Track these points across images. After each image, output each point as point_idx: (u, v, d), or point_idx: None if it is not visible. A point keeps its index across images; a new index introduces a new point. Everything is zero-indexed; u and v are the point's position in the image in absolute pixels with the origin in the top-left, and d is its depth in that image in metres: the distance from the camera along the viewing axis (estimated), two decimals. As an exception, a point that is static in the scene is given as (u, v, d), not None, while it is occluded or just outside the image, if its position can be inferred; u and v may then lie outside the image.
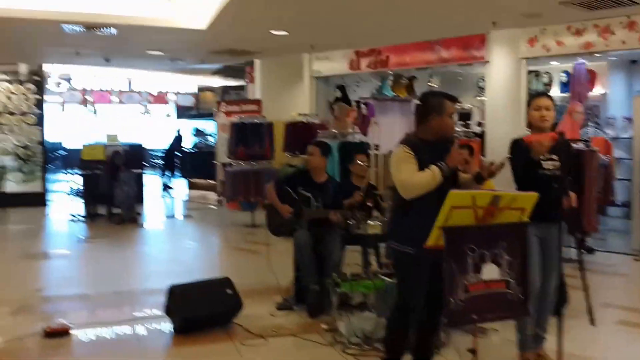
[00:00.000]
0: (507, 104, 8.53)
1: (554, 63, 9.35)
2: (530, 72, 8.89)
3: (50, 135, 14.50)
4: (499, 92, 8.72)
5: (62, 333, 4.54)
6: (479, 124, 9.79)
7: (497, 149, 7.45)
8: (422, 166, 3.31)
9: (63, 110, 18.21)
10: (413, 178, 3.29)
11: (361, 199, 5.16)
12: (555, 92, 9.51)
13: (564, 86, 9.21)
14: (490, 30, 8.46)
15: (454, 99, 3.54)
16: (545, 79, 9.54)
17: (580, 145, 6.81)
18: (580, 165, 6.60)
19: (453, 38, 9.03)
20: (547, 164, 3.71)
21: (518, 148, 3.81)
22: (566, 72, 9.07)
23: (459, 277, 2.79)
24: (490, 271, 2.86)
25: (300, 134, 9.66)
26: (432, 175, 3.27)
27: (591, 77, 8.69)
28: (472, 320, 2.89)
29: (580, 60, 8.22)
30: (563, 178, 3.68)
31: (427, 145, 3.40)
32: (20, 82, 12.10)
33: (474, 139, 7.95)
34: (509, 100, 8.52)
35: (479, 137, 8.49)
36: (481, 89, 10.22)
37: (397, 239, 3.43)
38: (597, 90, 9.14)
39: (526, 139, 3.72)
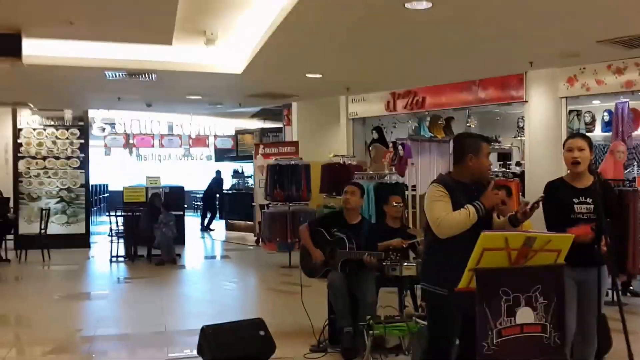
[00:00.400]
0: (547, 144, 8.41)
1: (595, 102, 9.22)
2: (571, 111, 8.77)
3: (94, 178, 14.94)
4: (538, 132, 8.61)
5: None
6: (519, 164, 9.68)
7: (536, 190, 7.27)
8: (456, 207, 3.29)
9: (107, 153, 18.81)
10: (448, 217, 3.26)
11: (401, 245, 5.11)
12: (597, 131, 9.36)
13: (607, 125, 9.05)
14: (528, 70, 8.41)
15: (490, 140, 3.54)
16: (587, 118, 9.41)
17: (623, 186, 6.65)
18: (623, 205, 6.41)
19: (490, 78, 9.00)
20: (580, 208, 3.63)
21: (551, 191, 3.73)
22: (609, 110, 8.93)
23: (492, 320, 2.71)
24: (524, 315, 2.76)
25: (337, 175, 9.69)
26: (467, 214, 3.24)
27: (634, 116, 8.54)
28: None
29: (623, 99, 8.09)
30: (598, 221, 3.50)
31: (462, 186, 3.38)
32: (66, 127, 12.59)
33: (512, 180, 7.84)
34: (549, 140, 8.40)
35: (518, 178, 8.37)
36: (521, 129, 10.12)
37: (429, 279, 3.39)
38: (641, 130, 8.95)
39: (574, 231, 3.45)
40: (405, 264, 4.94)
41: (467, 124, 10.11)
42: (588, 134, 9.48)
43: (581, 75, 8.05)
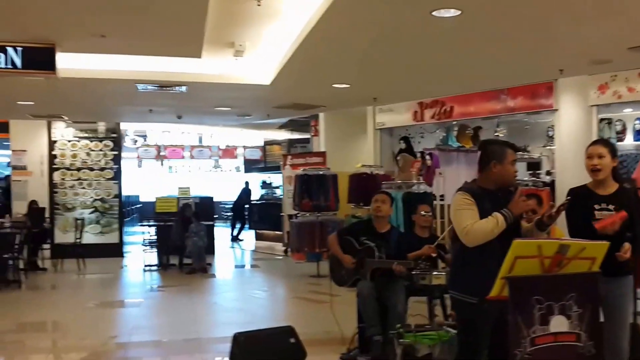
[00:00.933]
0: (577, 153, 8.22)
1: (627, 110, 9.07)
2: (602, 119, 8.63)
3: (127, 189, 15.23)
4: (568, 141, 8.47)
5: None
6: (549, 173, 9.57)
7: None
8: (483, 214, 3.25)
9: (139, 165, 19.17)
10: (475, 226, 3.23)
11: (431, 253, 5.10)
12: (629, 139, 9.19)
13: (638, 134, 8.90)
14: (558, 78, 8.32)
15: (515, 147, 3.51)
16: (618, 127, 9.25)
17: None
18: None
19: (519, 87, 8.93)
20: (601, 214, 3.55)
21: (573, 197, 3.65)
22: (640, 118, 8.79)
23: (525, 329, 2.67)
24: (558, 323, 2.73)
25: (364, 185, 9.72)
26: (496, 222, 3.20)
27: (667, 124, 8.39)
28: None
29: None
30: (622, 229, 3.46)
31: (488, 194, 3.35)
32: (99, 139, 12.90)
33: (543, 189, 7.76)
34: (579, 149, 8.15)
35: (548, 187, 8.28)
36: (550, 138, 10.01)
37: (458, 288, 3.36)
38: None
39: (597, 225, 3.50)
40: (435, 273, 4.96)
41: (496, 134, 10.03)
42: (618, 143, 9.34)
43: (612, 83, 7.91)
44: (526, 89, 8.83)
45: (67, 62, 6.71)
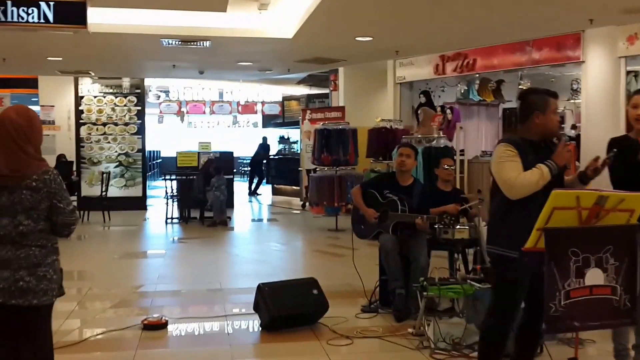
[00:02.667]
0: (605, 106, 8.10)
1: (656, 63, 8.82)
2: (629, 72, 8.40)
3: (150, 144, 15.37)
4: (595, 94, 8.29)
5: (159, 326, 4.81)
6: (573, 127, 9.43)
7: (593, 153, 7.13)
8: (527, 166, 3.15)
9: (159, 121, 19.26)
10: (520, 177, 3.12)
11: (456, 211, 5.07)
12: (656, 93, 8.98)
13: (666, 87, 8.69)
14: (586, 29, 8.08)
15: (557, 95, 3.37)
16: (646, 79, 9.03)
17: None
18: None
19: (545, 38, 8.70)
20: None
21: (619, 147, 3.54)
22: (670, 71, 8.55)
23: (560, 282, 2.62)
24: (594, 276, 2.67)
25: (384, 140, 9.69)
26: (541, 173, 3.10)
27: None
28: (574, 328, 2.73)
29: (686, 58, 7.73)
30: None
31: (531, 145, 3.24)
32: (124, 95, 13.01)
33: (569, 143, 7.66)
34: (607, 102, 8.08)
35: (574, 141, 8.17)
36: (575, 92, 9.83)
37: (499, 243, 3.26)
38: None
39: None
40: (458, 227, 4.93)
41: (520, 87, 9.86)
42: (645, 97, 9.10)
43: (642, 34, 7.67)
44: (552, 40, 8.62)
45: (96, 17, 6.73)
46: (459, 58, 10.07)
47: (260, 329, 4.78)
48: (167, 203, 11.11)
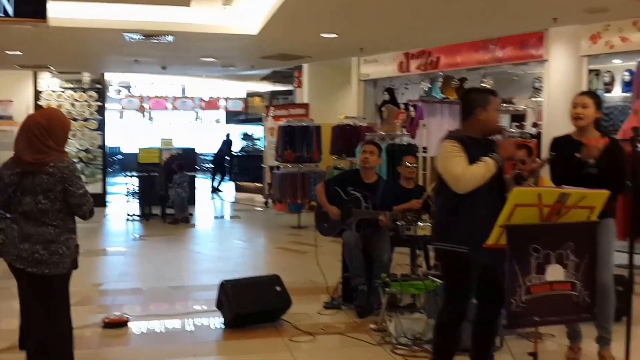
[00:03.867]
0: (566, 104, 8.05)
1: (616, 61, 9.01)
2: (590, 71, 8.54)
3: (110, 140, 15.10)
4: (557, 92, 8.38)
5: (119, 324, 4.74)
6: (535, 125, 9.59)
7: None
8: (471, 162, 3.23)
9: (120, 116, 18.91)
10: (467, 171, 3.20)
11: (418, 206, 5.13)
12: (616, 91, 9.19)
13: (627, 85, 8.87)
14: (550, 27, 8.20)
15: (497, 94, 3.50)
16: (606, 78, 9.23)
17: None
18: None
19: (509, 36, 8.79)
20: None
21: (560, 145, 3.78)
22: (629, 70, 8.75)
23: (521, 278, 2.65)
24: (554, 272, 2.71)
25: (347, 137, 9.74)
26: (487, 166, 3.19)
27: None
28: (534, 323, 2.78)
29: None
30: (599, 176, 3.57)
31: (474, 141, 3.32)
32: (84, 90, 12.74)
33: (531, 140, 7.78)
34: (568, 101, 8.04)
35: (535, 139, 8.30)
36: (537, 90, 10.00)
37: (446, 238, 3.33)
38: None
39: (586, 141, 3.63)
40: (420, 224, 5.00)
41: (482, 84, 10.00)
42: (606, 95, 9.31)
43: (605, 33, 7.75)
44: (516, 38, 8.72)
45: (57, 11, 6.57)
46: (423, 56, 10.15)
47: (223, 326, 4.75)
48: (127, 200, 10.92)
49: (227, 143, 17.24)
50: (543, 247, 2.67)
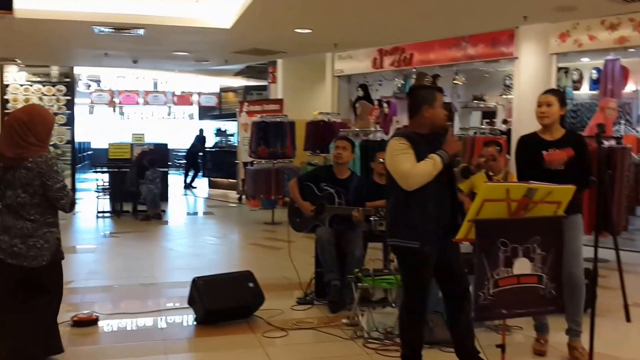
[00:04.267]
0: (535, 101, 8.33)
1: (584, 60, 9.17)
2: (559, 69, 8.68)
3: (80, 135, 14.85)
4: (527, 89, 8.48)
5: (90, 322, 4.67)
6: (505, 122, 9.71)
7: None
8: (419, 158, 3.29)
9: (90, 111, 18.58)
10: (415, 168, 3.25)
11: None
12: (584, 89, 9.37)
13: (594, 83, 9.05)
14: (520, 25, 8.30)
15: (442, 90, 3.58)
16: (575, 76, 9.40)
17: (612, 143, 6.70)
18: (611, 163, 6.49)
19: (481, 34, 8.89)
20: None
21: (527, 144, 3.87)
22: (597, 68, 8.92)
23: (489, 271, 2.70)
24: (522, 266, 2.76)
25: (321, 133, 9.73)
26: (434, 163, 3.25)
27: (624, 74, 8.51)
28: (502, 315, 2.81)
29: (613, 57, 8.05)
30: (567, 173, 3.66)
31: (422, 138, 3.38)
32: (52, 84, 12.47)
33: (500, 137, 7.88)
34: (537, 97, 8.33)
35: (505, 135, 8.40)
36: (507, 87, 10.13)
37: (399, 235, 3.38)
38: (630, 87, 8.97)
39: (546, 156, 3.72)
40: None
41: (454, 81, 10.09)
42: (575, 92, 9.48)
43: (574, 31, 7.90)
44: (487, 36, 8.83)
45: (23, 2, 6.42)
46: (397, 52, 10.20)
47: (195, 323, 4.71)
48: (97, 196, 10.76)
49: (201, 139, 17.09)
50: (511, 241, 2.72)
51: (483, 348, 3.63)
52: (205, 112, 19.56)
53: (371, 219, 5.01)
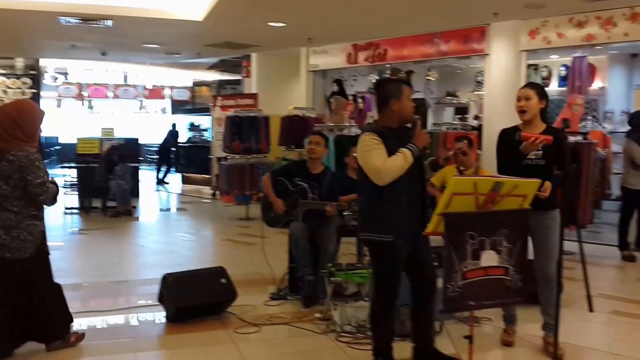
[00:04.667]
0: (506, 98, 8.42)
1: (553, 57, 9.33)
2: (529, 66, 8.83)
3: (46, 129, 14.50)
4: (498, 85, 8.63)
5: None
6: (476, 118, 9.81)
7: (493, 143, 7.42)
8: (390, 152, 3.31)
9: (58, 105, 18.21)
10: (387, 163, 3.27)
11: None
12: (553, 86, 9.51)
13: (563, 80, 9.21)
14: (491, 22, 8.39)
15: (410, 83, 3.60)
16: (544, 73, 9.55)
17: (578, 138, 6.82)
18: (577, 157, 6.60)
19: (453, 30, 8.98)
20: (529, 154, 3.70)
21: (504, 138, 3.87)
22: (565, 65, 9.07)
23: (457, 264, 2.75)
24: (489, 258, 2.82)
25: (296, 128, 9.67)
26: (404, 157, 3.28)
27: (591, 71, 8.67)
28: (470, 307, 2.86)
29: (580, 54, 8.19)
30: (546, 168, 3.69)
31: (392, 132, 3.41)
32: (17, 76, 12.14)
33: (472, 132, 7.95)
34: (508, 94, 8.37)
35: (476, 131, 8.49)
36: (479, 84, 10.22)
37: (372, 229, 3.40)
38: (596, 84, 9.15)
39: (523, 134, 3.67)
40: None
41: (427, 77, 10.14)
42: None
43: (543, 29, 8.04)
44: (459, 33, 8.92)
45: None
46: (371, 48, 10.21)
47: (165, 320, 4.63)
48: (65, 192, 10.53)
49: (173, 133, 16.88)
50: (478, 234, 2.77)
51: (453, 340, 3.67)
52: (178, 107, 19.34)
53: (345, 213, 5.00)
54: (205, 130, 17.61)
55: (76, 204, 10.64)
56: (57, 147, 18.74)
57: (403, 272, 3.51)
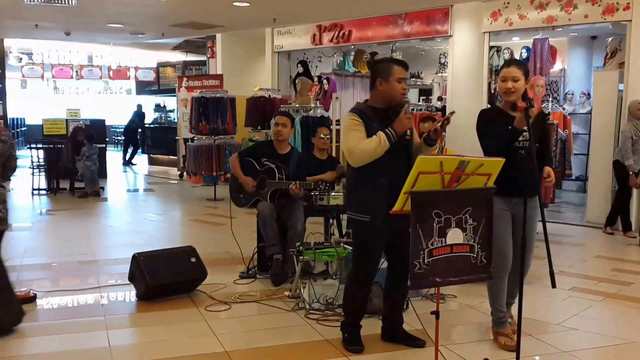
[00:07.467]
0: (469, 79, 8.57)
1: (515, 39, 9.51)
2: (491, 47, 8.97)
3: (12, 110, 14.24)
4: (461, 67, 8.74)
5: (26, 300, 4.58)
6: (440, 99, 10.00)
7: (457, 124, 7.59)
8: (371, 134, 3.27)
9: (22, 86, 17.82)
10: (358, 146, 3.25)
11: (333, 179, 5.25)
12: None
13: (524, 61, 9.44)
14: (454, 4, 8.48)
15: (404, 64, 3.44)
16: (506, 55, 9.75)
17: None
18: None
19: (417, 12, 9.06)
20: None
21: (487, 118, 3.60)
22: (526, 47, 9.27)
23: (424, 241, 2.78)
24: (455, 236, 2.84)
25: (262, 109, 9.72)
26: (379, 141, 3.24)
27: (552, 53, 8.84)
28: (436, 283, 2.89)
29: (542, 36, 8.36)
30: (532, 150, 3.35)
31: (377, 113, 3.36)
32: (-21, 57, 11.87)
33: (436, 113, 8.12)
34: (471, 75, 8.55)
35: (440, 112, 8.68)
36: (442, 65, 10.40)
37: (353, 208, 3.45)
38: (557, 66, 9.39)
39: (520, 105, 3.32)
40: (333, 193, 5.11)
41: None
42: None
43: (505, 10, 8.16)
44: (423, 14, 9.01)
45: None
46: (336, 29, 10.27)
47: (136, 299, 4.71)
48: (32, 173, 10.42)
49: (139, 114, 16.72)
50: (444, 212, 2.80)
51: (420, 316, 3.80)
52: (143, 87, 19.11)
53: (312, 193, 5.11)
54: (171, 111, 17.48)
55: (44, 185, 10.56)
56: (24, 129, 18.40)
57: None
